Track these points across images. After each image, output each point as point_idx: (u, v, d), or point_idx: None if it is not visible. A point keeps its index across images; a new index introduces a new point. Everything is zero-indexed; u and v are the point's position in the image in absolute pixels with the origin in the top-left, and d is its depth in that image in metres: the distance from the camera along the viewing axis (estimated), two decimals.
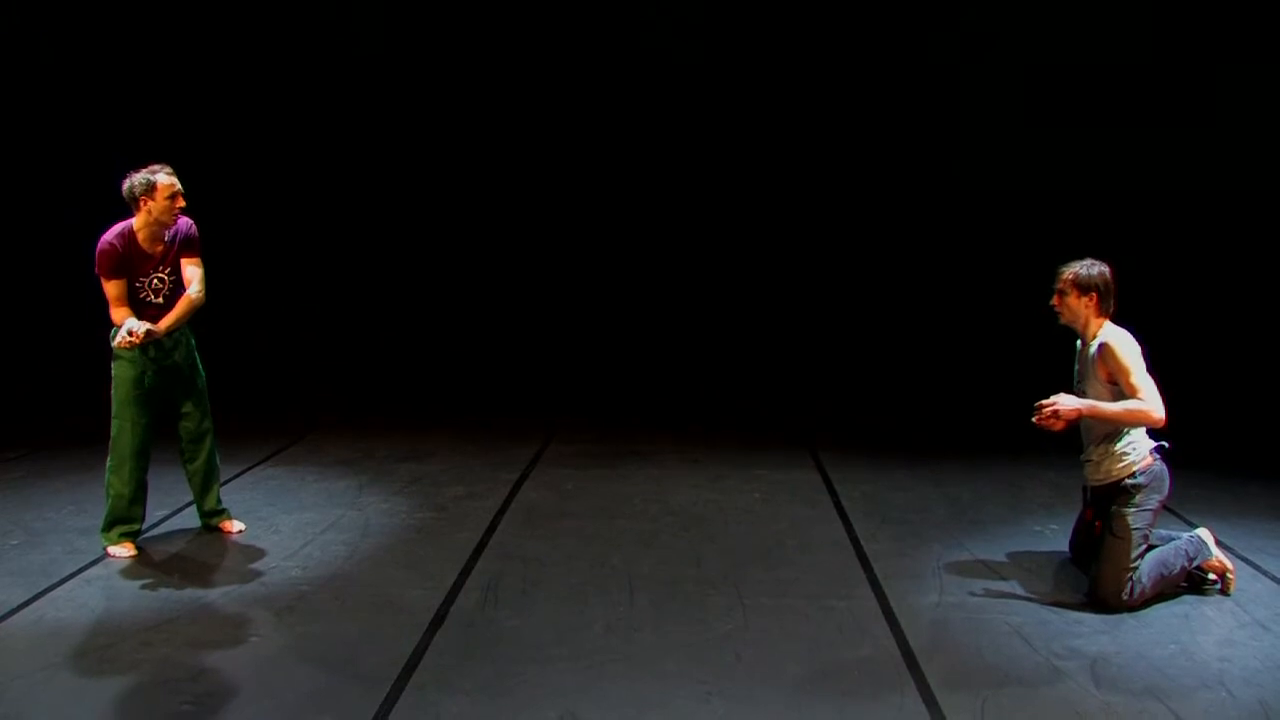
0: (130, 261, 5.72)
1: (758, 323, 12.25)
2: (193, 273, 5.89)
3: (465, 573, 5.59)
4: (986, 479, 7.30)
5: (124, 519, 5.94)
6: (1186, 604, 5.12)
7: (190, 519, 6.40)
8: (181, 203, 5.74)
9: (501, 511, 6.65)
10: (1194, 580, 5.26)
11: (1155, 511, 5.15)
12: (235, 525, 6.29)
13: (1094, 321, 5.15)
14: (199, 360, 6.17)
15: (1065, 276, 5.17)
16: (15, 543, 6.05)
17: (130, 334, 5.52)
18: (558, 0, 12.18)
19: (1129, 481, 5.12)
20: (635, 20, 12.11)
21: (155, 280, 5.83)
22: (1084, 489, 5.45)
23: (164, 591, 5.33)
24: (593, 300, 12.46)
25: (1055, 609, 5.08)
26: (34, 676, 4.40)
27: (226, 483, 6.72)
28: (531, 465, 7.73)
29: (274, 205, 12.50)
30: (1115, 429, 5.11)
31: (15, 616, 5.02)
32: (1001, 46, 11.53)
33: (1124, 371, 4.95)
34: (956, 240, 11.86)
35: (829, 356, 11.72)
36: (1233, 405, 9.31)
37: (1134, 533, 5.06)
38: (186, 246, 5.90)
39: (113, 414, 5.94)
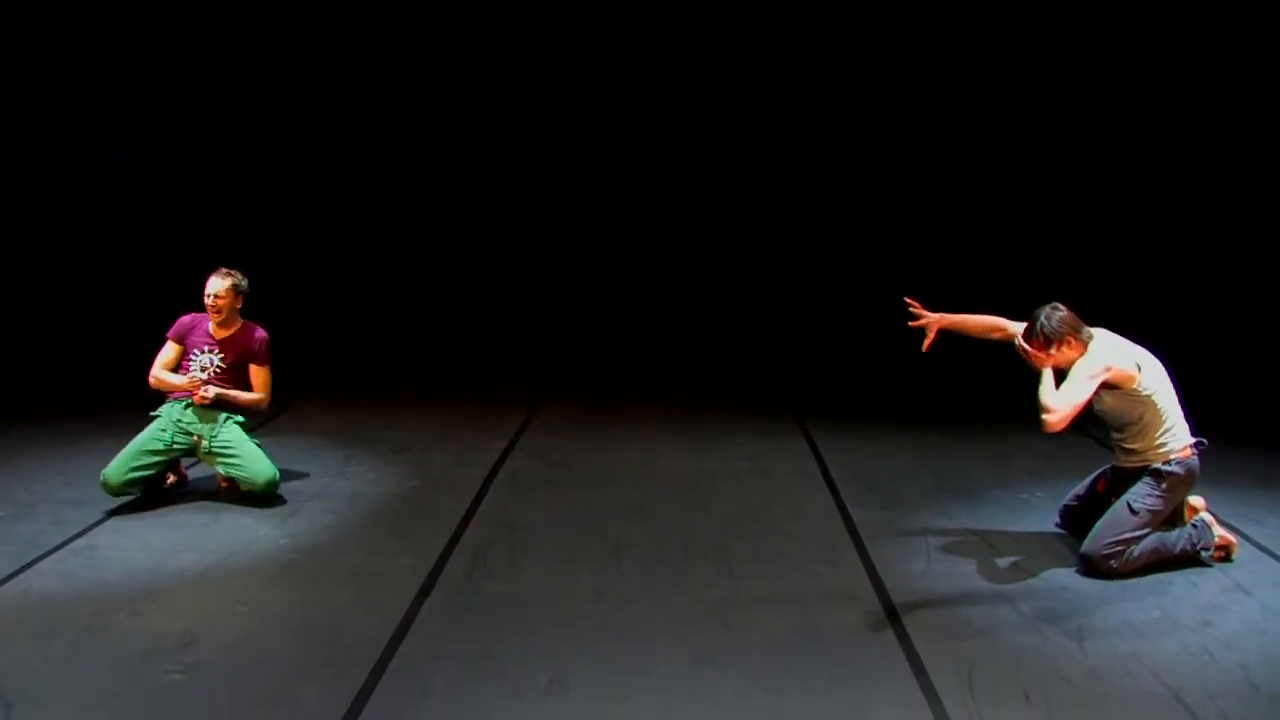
0: (192, 333, 6.32)
1: (746, 292, 12.23)
2: (259, 381, 6.40)
3: (453, 541, 5.60)
4: (974, 447, 7.33)
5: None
6: (1171, 570, 5.14)
7: (172, 491, 6.38)
8: (213, 304, 6.21)
9: (489, 480, 6.65)
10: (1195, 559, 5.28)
11: (1172, 503, 5.18)
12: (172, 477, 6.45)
13: (1081, 352, 5.12)
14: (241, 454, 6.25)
15: (1034, 344, 5.10)
16: (2, 514, 6.03)
17: (193, 381, 6.18)
18: None
19: (1163, 467, 5.13)
20: None
21: (207, 359, 6.29)
22: (1104, 471, 5.47)
23: (152, 562, 5.32)
24: (581, 270, 12.42)
25: (1041, 576, 5.11)
26: (22, 648, 4.39)
27: None
28: (519, 434, 7.73)
29: (263, 176, 12.45)
30: (1145, 419, 5.13)
31: (3, 588, 5.01)
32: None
33: (1070, 377, 4.99)
34: (944, 211, 11.86)
35: (818, 325, 11.72)
36: (1215, 374, 9.33)
37: (1147, 513, 5.08)
38: (251, 354, 6.36)
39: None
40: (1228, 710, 3.88)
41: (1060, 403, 4.89)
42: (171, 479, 6.40)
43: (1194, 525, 5.26)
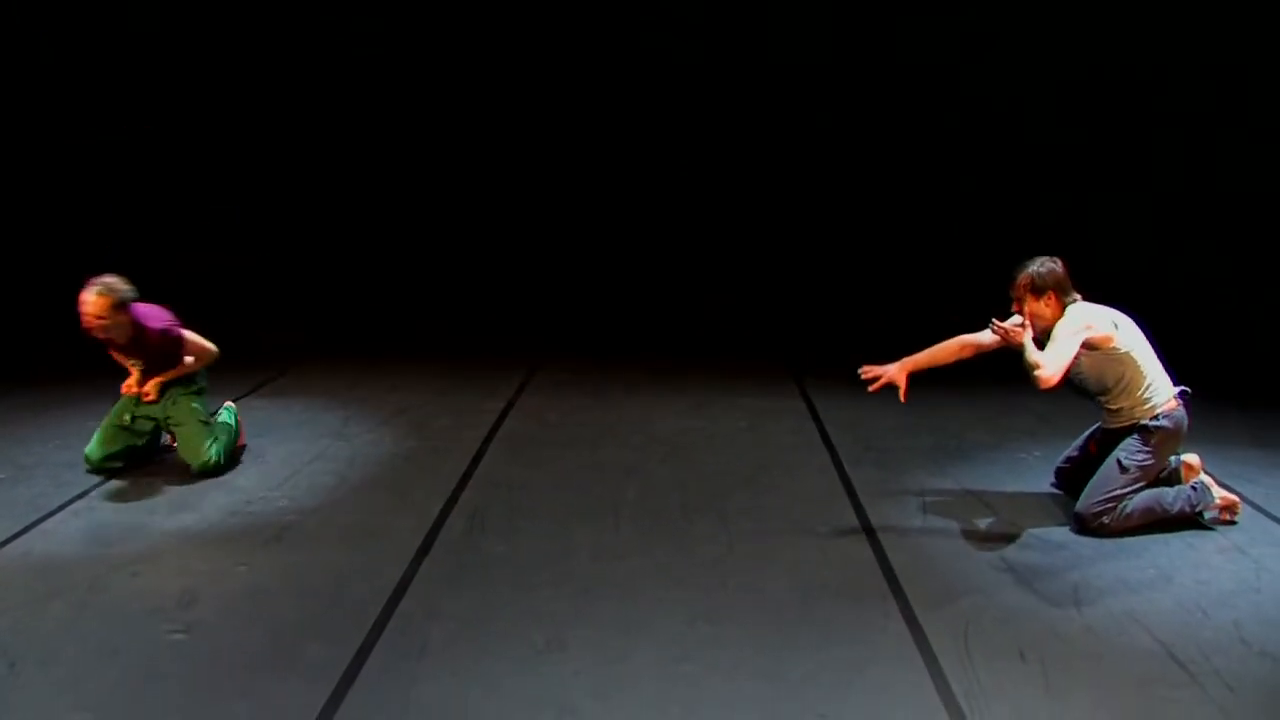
0: (101, 342, 6.04)
1: (745, 253, 12.22)
2: (189, 349, 6.17)
3: (451, 502, 5.62)
4: (971, 407, 7.34)
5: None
6: (1168, 531, 5.16)
7: (172, 452, 6.39)
8: (95, 328, 5.83)
9: (487, 441, 6.67)
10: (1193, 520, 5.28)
11: (1163, 456, 5.20)
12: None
13: (1058, 315, 5.13)
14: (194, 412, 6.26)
15: (1019, 284, 5.15)
16: (2, 477, 6.05)
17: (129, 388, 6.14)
18: None
19: (1151, 423, 5.14)
20: None
21: (130, 362, 6.17)
22: (1094, 431, 5.48)
23: (152, 523, 5.35)
24: (580, 232, 12.40)
25: (1037, 534, 5.13)
26: (25, 609, 4.42)
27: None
28: (516, 396, 7.74)
29: (263, 142, 12.42)
30: (1126, 378, 5.14)
31: (4, 550, 5.04)
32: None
33: (1053, 338, 5.01)
34: (943, 169, 11.81)
35: (815, 285, 11.71)
36: (1211, 335, 9.34)
37: (1137, 469, 5.10)
38: (160, 347, 6.07)
39: None
40: (1220, 667, 3.91)
41: (1049, 359, 4.90)
42: (173, 440, 6.42)
43: (1193, 487, 5.26)
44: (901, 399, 5.36)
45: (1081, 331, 5.00)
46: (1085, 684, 3.80)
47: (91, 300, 5.76)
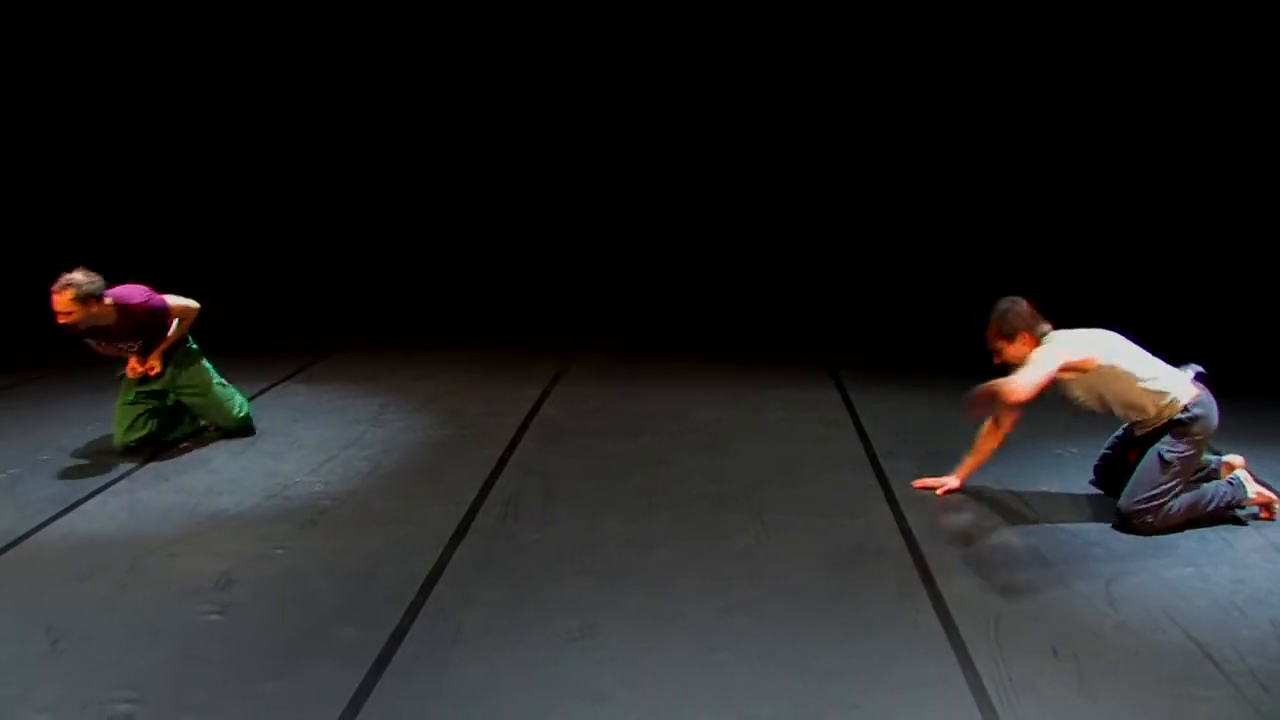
0: (89, 335, 6.06)
1: (781, 242, 12.18)
2: (173, 311, 6.20)
3: (486, 488, 5.65)
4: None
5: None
6: (1204, 528, 5.11)
7: (210, 436, 6.50)
8: (68, 323, 5.82)
9: (522, 429, 6.69)
10: (1229, 517, 5.23)
11: (1202, 445, 5.14)
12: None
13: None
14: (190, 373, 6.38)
15: (990, 335, 5.21)
16: (45, 457, 6.14)
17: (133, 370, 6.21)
18: None
19: (1183, 416, 5.07)
20: None
21: (124, 348, 6.19)
22: (1125, 434, 5.43)
23: (189, 505, 5.41)
24: (617, 221, 12.40)
25: (1071, 530, 5.10)
26: (66, 587, 4.49)
27: (251, 399, 6.79)
28: (552, 384, 7.76)
29: (293, 127, 12.48)
30: (1131, 390, 5.09)
31: (46, 529, 5.12)
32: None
33: (1028, 361, 5.01)
34: (980, 163, 11.72)
35: (852, 278, 11.66)
36: (1252, 333, 9.24)
37: (1179, 461, 5.04)
38: (144, 323, 6.09)
39: None
40: (1256, 666, 3.87)
41: (1019, 377, 4.90)
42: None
43: (1229, 482, 5.21)
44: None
45: (1056, 357, 5.00)
46: (1118, 681, 3.78)
47: (58, 299, 5.75)
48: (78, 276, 5.78)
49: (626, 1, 12.14)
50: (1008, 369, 5.08)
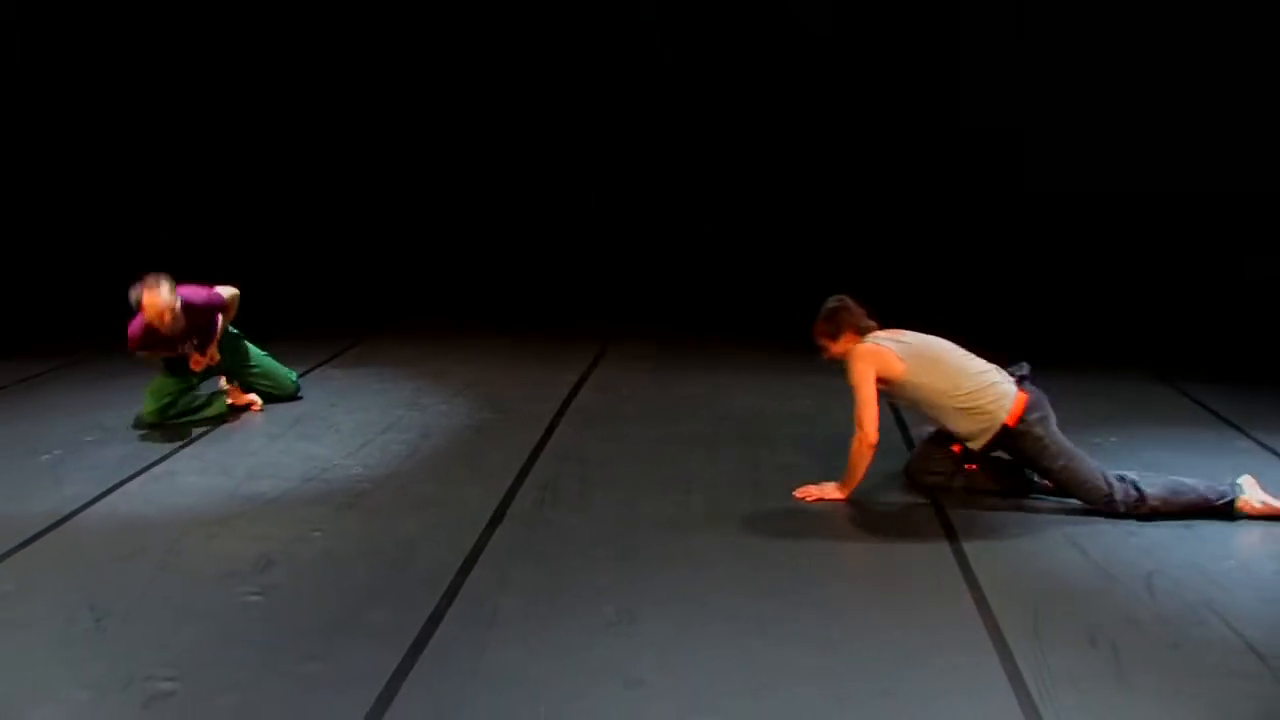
0: (155, 343, 6.24)
1: (817, 229, 12.10)
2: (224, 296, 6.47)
3: (523, 473, 5.66)
4: (1047, 389, 7.18)
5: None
6: (1250, 523, 5.03)
7: (249, 419, 6.60)
8: (169, 323, 6.03)
9: (560, 414, 6.71)
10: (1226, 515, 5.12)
11: (1054, 434, 5.14)
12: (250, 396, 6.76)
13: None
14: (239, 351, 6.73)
15: (815, 334, 5.36)
16: (90, 439, 6.22)
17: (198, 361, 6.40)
18: None
19: (1020, 427, 5.07)
20: None
21: (186, 348, 6.37)
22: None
23: (228, 487, 5.46)
24: (656, 207, 12.36)
25: (1110, 520, 5.04)
26: (107, 567, 4.54)
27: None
28: (590, 369, 7.77)
29: (332, 112, 12.52)
30: (938, 400, 5.16)
31: (89, 509, 5.18)
32: None
33: (853, 389, 5.12)
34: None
35: (889, 263, 11.57)
36: (1252, 334, 9.07)
37: (1059, 447, 5.08)
38: (210, 315, 6.38)
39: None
40: None
41: (861, 419, 5.08)
42: (256, 406, 6.69)
43: (1221, 482, 5.15)
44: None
45: (866, 376, 5.11)
46: (1158, 673, 3.73)
47: (164, 297, 5.96)
48: (163, 276, 6.04)
49: None
50: (836, 364, 5.35)
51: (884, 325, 5.41)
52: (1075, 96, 11.16)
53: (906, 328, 5.45)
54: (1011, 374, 5.24)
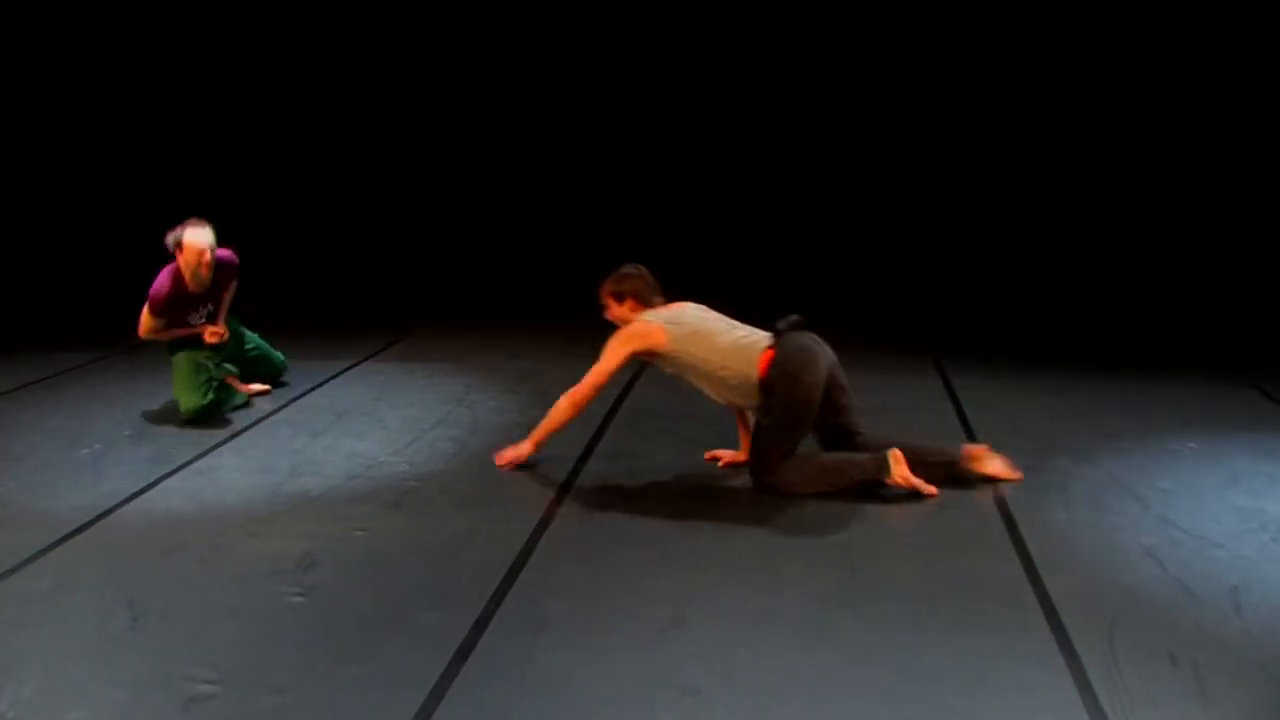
0: (177, 303, 6.28)
1: (883, 226, 11.90)
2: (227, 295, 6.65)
3: (574, 473, 5.53)
4: (1119, 394, 6.96)
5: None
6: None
7: (293, 414, 6.51)
8: (208, 265, 6.16)
9: (611, 414, 6.57)
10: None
11: (795, 398, 5.15)
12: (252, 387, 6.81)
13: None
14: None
15: (601, 291, 5.51)
16: (128, 434, 6.16)
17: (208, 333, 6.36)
18: None
19: (769, 378, 5.12)
20: None
21: (197, 316, 6.43)
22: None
23: (271, 484, 5.36)
24: (712, 202, 12.24)
25: (1190, 532, 4.81)
26: (147, 564, 4.46)
27: (335, 377, 6.79)
28: (642, 368, 7.61)
29: (371, 107, 12.53)
30: (710, 364, 5.23)
31: (128, 505, 5.10)
32: None
33: (601, 354, 5.32)
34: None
35: (955, 264, 11.36)
36: (1252, 334, 8.85)
37: (770, 421, 5.14)
38: (229, 278, 6.55)
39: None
40: None
41: (588, 380, 5.36)
42: (266, 390, 6.78)
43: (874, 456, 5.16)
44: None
45: (619, 354, 5.28)
46: (1243, 694, 3.52)
47: (209, 238, 6.13)
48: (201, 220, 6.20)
49: None
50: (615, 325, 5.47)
51: (683, 301, 5.57)
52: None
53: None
54: (777, 330, 5.31)
